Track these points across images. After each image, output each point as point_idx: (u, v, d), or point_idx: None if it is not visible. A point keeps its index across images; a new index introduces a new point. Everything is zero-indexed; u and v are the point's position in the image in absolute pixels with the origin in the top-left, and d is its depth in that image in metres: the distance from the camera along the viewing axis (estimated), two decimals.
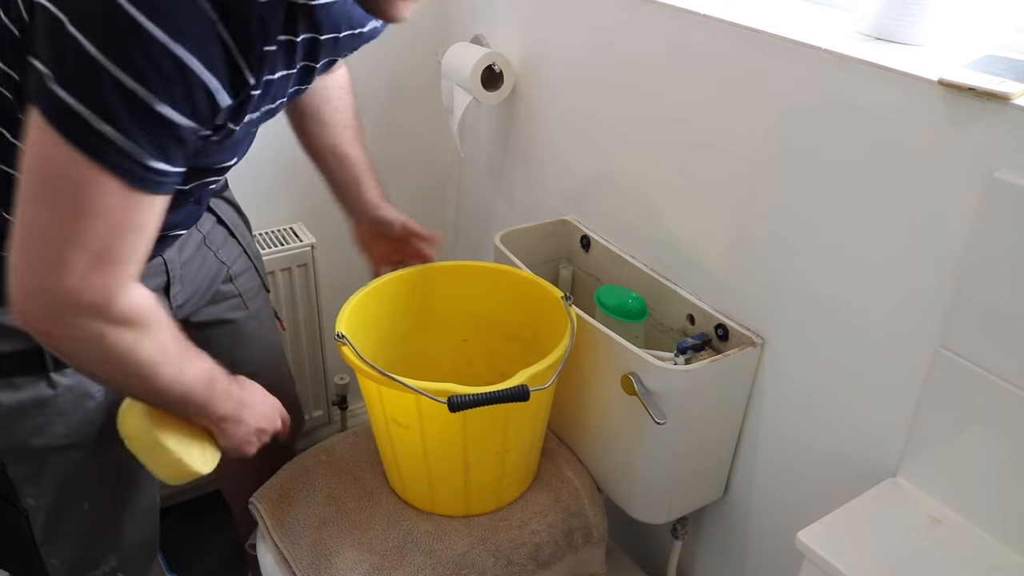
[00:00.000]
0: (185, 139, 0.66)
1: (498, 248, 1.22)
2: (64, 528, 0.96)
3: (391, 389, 0.94)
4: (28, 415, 0.88)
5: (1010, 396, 0.77)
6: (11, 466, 0.91)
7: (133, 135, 0.62)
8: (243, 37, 0.66)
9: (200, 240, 1.07)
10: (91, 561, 1.00)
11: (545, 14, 1.29)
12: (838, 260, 0.91)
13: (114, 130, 0.62)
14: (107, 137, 0.62)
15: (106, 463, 0.96)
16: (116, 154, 0.63)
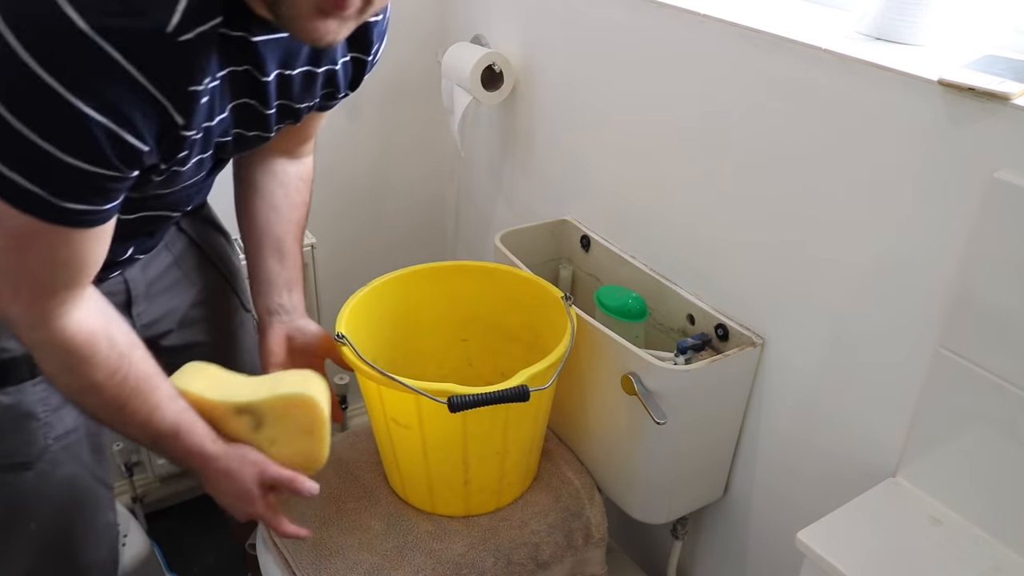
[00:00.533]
0: (100, 184, 0.65)
1: (498, 248, 1.22)
2: (11, 550, 0.94)
3: (391, 389, 0.94)
4: None
5: (1010, 396, 0.77)
6: None
7: (41, 183, 0.62)
8: (163, 78, 0.63)
9: (171, 261, 1.04)
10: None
11: (545, 14, 1.29)
12: (838, 260, 0.91)
13: (22, 178, 0.61)
14: (16, 183, 0.61)
15: (55, 484, 0.94)
16: (27, 199, 0.62)
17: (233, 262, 1.15)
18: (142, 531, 1.44)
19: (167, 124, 0.66)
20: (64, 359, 0.73)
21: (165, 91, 0.63)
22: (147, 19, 0.60)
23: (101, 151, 0.62)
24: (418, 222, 1.76)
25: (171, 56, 0.62)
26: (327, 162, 1.55)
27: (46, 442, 0.91)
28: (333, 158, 1.56)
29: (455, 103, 1.46)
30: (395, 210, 1.71)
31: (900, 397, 0.88)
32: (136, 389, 0.78)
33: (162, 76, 0.62)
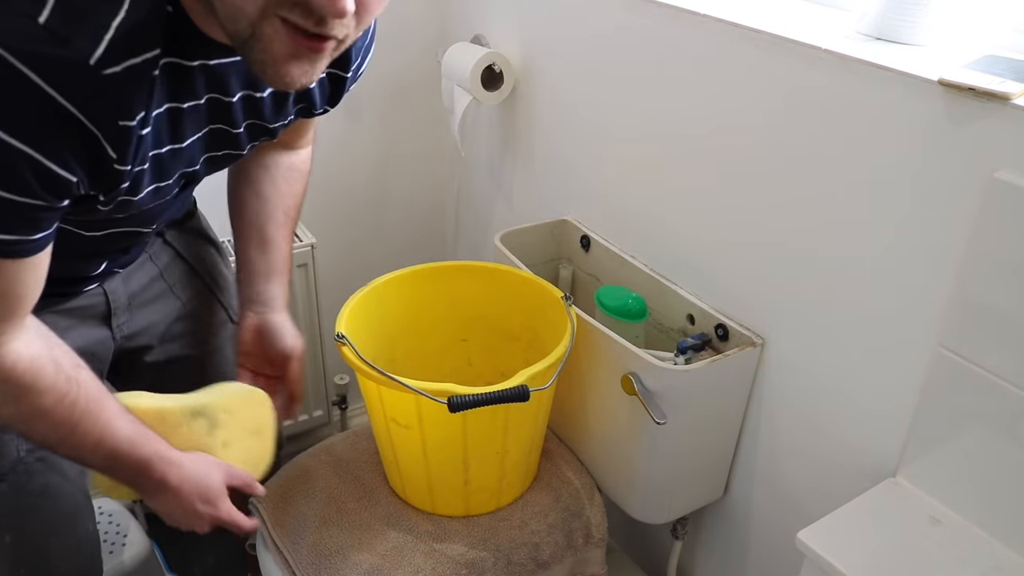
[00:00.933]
0: (27, 214, 0.62)
1: (498, 248, 1.22)
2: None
3: (391, 389, 0.94)
4: None
5: (1010, 396, 0.77)
6: None
7: None
8: (91, 110, 0.60)
9: (156, 273, 1.02)
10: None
11: (545, 14, 1.29)
12: (838, 260, 0.91)
13: None
14: None
15: (30, 495, 0.93)
16: None
17: (223, 274, 1.11)
18: (142, 531, 1.44)
19: (99, 156, 0.63)
20: (6, 389, 0.70)
21: (95, 123, 0.61)
22: (70, 48, 0.58)
23: (24, 181, 0.59)
24: (418, 222, 1.76)
25: (97, 88, 0.60)
26: (327, 162, 1.55)
27: (19, 454, 0.90)
28: (333, 158, 1.56)
29: (455, 103, 1.46)
30: (395, 210, 1.71)
31: (900, 397, 0.88)
32: (87, 410, 0.75)
33: (91, 107, 0.60)
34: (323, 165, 1.54)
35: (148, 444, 0.81)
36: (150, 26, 0.62)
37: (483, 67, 1.36)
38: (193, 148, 0.75)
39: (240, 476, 0.90)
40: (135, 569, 1.41)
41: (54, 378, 0.72)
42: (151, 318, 1.02)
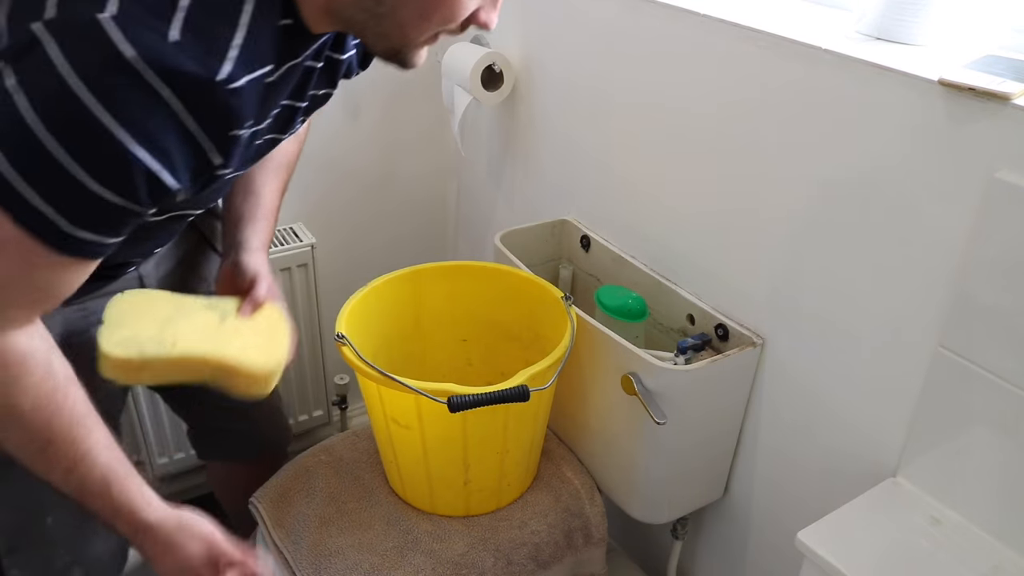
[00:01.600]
0: (119, 218, 0.64)
1: (498, 248, 1.22)
2: (27, 540, 0.95)
3: (391, 389, 0.94)
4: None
5: (1010, 396, 0.77)
6: None
7: (62, 208, 0.61)
8: (208, 122, 0.63)
9: (181, 257, 1.04)
10: (55, 574, 0.98)
11: (545, 14, 1.29)
12: (838, 260, 0.91)
13: (41, 199, 0.60)
14: (26, 200, 0.60)
15: None
16: (34, 218, 0.61)
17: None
18: None
19: (203, 164, 0.66)
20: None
21: (209, 134, 0.64)
22: (201, 65, 0.60)
23: (133, 186, 0.62)
24: (418, 222, 1.76)
25: (219, 102, 0.63)
26: (327, 162, 1.55)
27: None
28: (333, 158, 1.56)
29: (455, 103, 1.46)
30: (395, 210, 1.71)
31: (900, 397, 0.88)
32: (65, 429, 0.72)
33: (208, 120, 0.63)
34: (324, 165, 1.55)
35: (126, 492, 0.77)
36: (269, 40, 0.66)
37: (483, 67, 1.36)
38: (270, 127, 0.78)
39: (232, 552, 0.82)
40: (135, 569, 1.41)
41: (40, 380, 0.70)
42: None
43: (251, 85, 0.65)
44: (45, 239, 0.62)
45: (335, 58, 0.82)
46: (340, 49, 0.82)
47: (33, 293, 0.67)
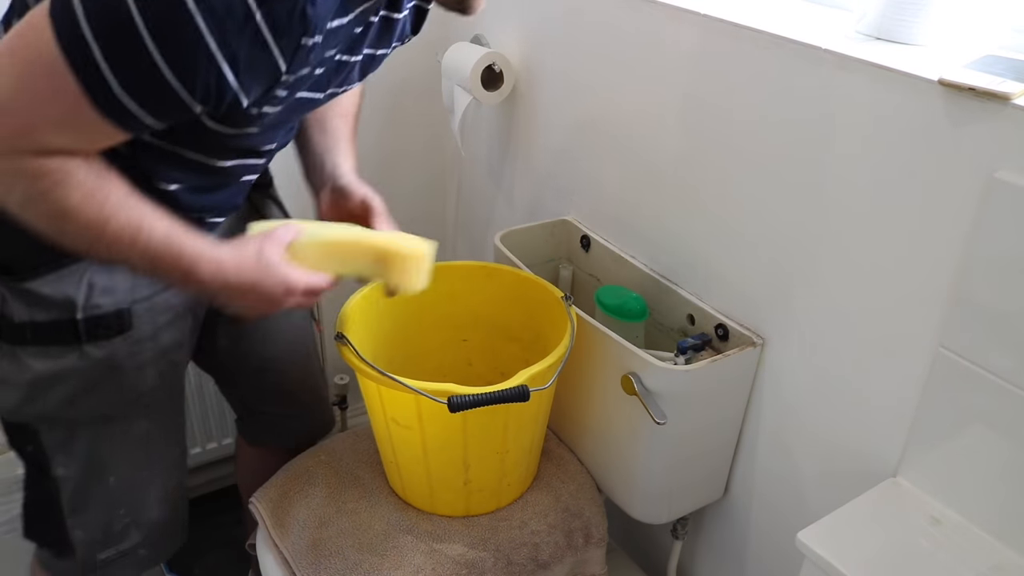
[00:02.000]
0: (169, 100, 0.66)
1: (498, 248, 1.22)
2: (90, 500, 0.99)
3: (391, 389, 0.94)
4: (60, 384, 0.90)
5: (1010, 396, 0.77)
6: (44, 434, 0.94)
7: (120, 72, 0.63)
8: (283, 32, 0.66)
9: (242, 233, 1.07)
10: (114, 535, 1.03)
11: (545, 14, 1.29)
12: (838, 260, 0.91)
13: (102, 56, 0.62)
14: (92, 57, 0.62)
15: (134, 440, 0.99)
16: (92, 75, 0.63)
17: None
18: None
19: (271, 70, 0.68)
20: (33, 186, 0.70)
21: (280, 40, 0.66)
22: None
23: (195, 73, 0.64)
24: (418, 221, 1.75)
25: (296, 8, 0.65)
26: None
27: (130, 396, 0.95)
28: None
29: (455, 103, 1.46)
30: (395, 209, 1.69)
31: (900, 397, 0.88)
32: (117, 206, 0.74)
33: (281, 26, 0.65)
34: None
35: (186, 239, 0.79)
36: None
37: (483, 67, 1.36)
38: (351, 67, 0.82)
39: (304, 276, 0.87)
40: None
41: (84, 175, 0.71)
42: None
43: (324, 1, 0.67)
44: (97, 99, 0.64)
45: (392, 17, 0.83)
46: (397, 8, 0.84)
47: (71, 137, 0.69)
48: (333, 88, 0.84)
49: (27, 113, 0.66)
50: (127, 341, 0.92)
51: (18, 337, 0.88)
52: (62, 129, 0.68)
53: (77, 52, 0.63)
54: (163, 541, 1.09)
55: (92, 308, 0.88)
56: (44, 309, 0.86)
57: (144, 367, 0.95)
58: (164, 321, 0.95)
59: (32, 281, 0.85)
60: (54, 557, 1.05)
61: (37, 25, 0.63)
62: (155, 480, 1.04)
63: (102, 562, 1.03)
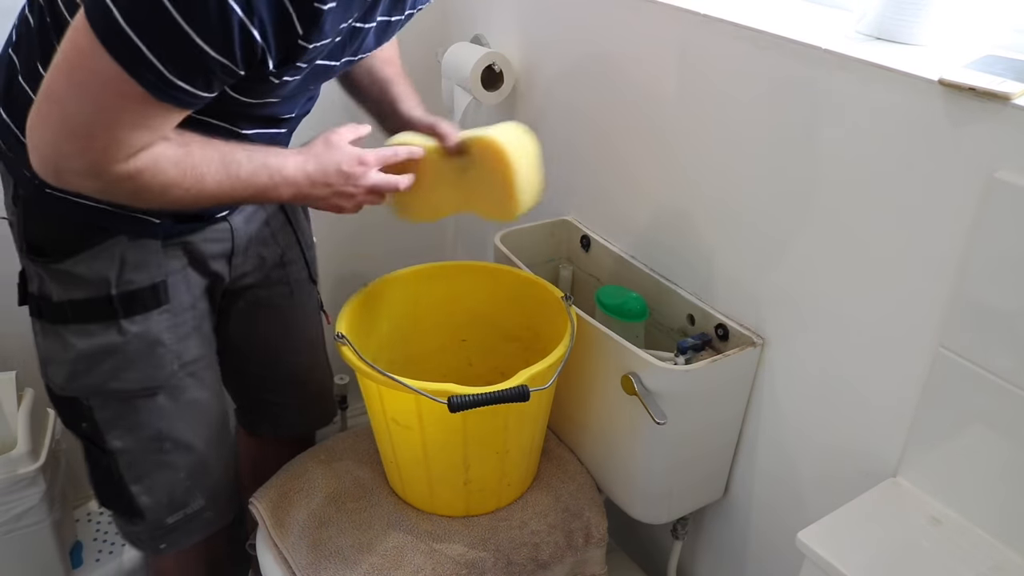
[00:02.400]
0: (214, 71, 0.70)
1: (498, 248, 1.22)
2: (150, 468, 1.03)
3: (391, 389, 0.94)
4: (103, 360, 0.94)
5: (1010, 396, 0.77)
6: (97, 409, 0.98)
7: (165, 57, 0.67)
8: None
9: (264, 219, 1.11)
10: (179, 500, 1.06)
11: (545, 14, 1.29)
12: (838, 260, 0.91)
13: (148, 49, 0.66)
14: (141, 53, 0.66)
15: (183, 408, 1.02)
16: (145, 68, 0.67)
17: (307, 233, 1.21)
18: None
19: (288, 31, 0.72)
20: (137, 184, 0.76)
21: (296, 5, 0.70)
22: None
23: (231, 41, 0.68)
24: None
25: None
26: None
27: (173, 367, 0.99)
28: None
29: (455, 103, 1.46)
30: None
31: (900, 397, 0.88)
32: (204, 158, 0.79)
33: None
34: None
35: (266, 152, 0.85)
36: None
37: (483, 67, 1.36)
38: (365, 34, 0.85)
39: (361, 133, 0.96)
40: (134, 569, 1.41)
41: (169, 152, 0.77)
42: (257, 262, 1.11)
43: None
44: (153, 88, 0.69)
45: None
46: None
47: (147, 133, 0.74)
48: (348, 56, 0.87)
49: (108, 128, 0.71)
50: (165, 315, 0.96)
51: (59, 316, 0.93)
52: (138, 129, 0.72)
53: (127, 54, 0.66)
54: (226, 502, 1.13)
55: (125, 284, 0.93)
56: (80, 288, 0.91)
57: (188, 337, 1.00)
58: (200, 290, 1.02)
59: (66, 261, 0.90)
60: (127, 523, 1.08)
61: (83, 47, 0.67)
62: (210, 444, 1.07)
63: (170, 526, 1.07)
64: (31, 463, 1.22)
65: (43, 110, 0.71)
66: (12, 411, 1.28)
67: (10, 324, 1.35)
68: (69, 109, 0.70)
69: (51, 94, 0.70)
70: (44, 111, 0.71)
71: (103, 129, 0.71)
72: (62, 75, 0.69)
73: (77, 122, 0.70)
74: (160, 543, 1.08)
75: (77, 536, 1.44)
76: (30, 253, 0.92)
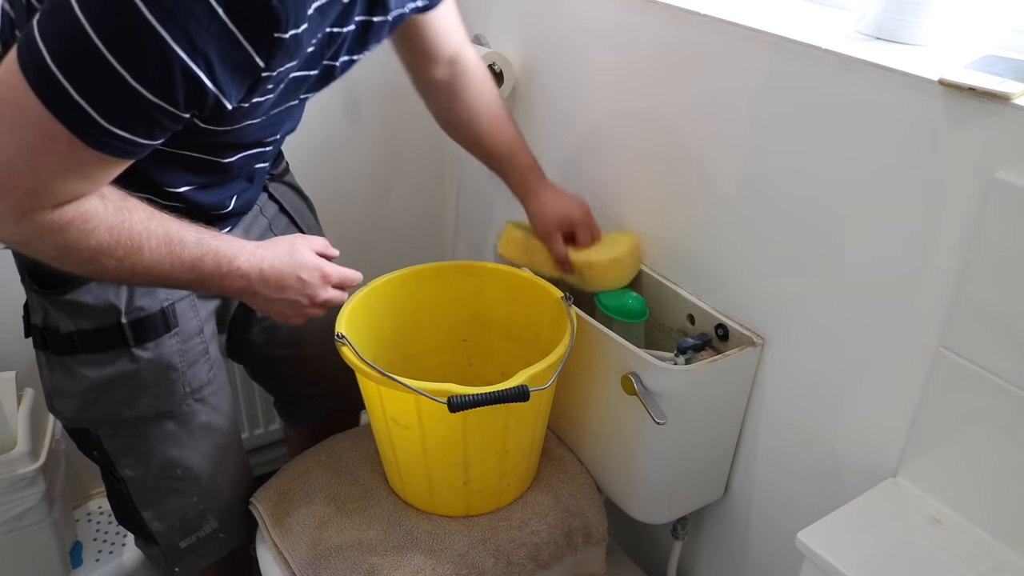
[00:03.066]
0: (155, 118, 0.66)
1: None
2: (161, 494, 1.03)
3: (391, 389, 0.94)
4: (115, 388, 0.93)
5: (1010, 396, 0.77)
6: (106, 439, 0.97)
7: (97, 102, 0.63)
8: (251, 27, 0.64)
9: (266, 226, 1.10)
10: (191, 524, 1.06)
11: (545, 14, 1.29)
12: (838, 260, 0.91)
13: (77, 93, 0.62)
14: (69, 96, 0.62)
15: (195, 432, 1.01)
16: (74, 113, 0.63)
17: (314, 226, 1.20)
18: None
19: (249, 67, 0.67)
20: (61, 239, 0.70)
21: (251, 38, 0.65)
22: None
23: (171, 85, 0.63)
24: (418, 222, 1.76)
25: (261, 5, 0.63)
26: (326, 162, 1.55)
27: (184, 391, 0.98)
28: (333, 158, 1.56)
29: None
30: (395, 209, 1.71)
31: (900, 397, 0.88)
32: (145, 231, 0.75)
33: (251, 24, 0.64)
34: (323, 165, 1.54)
35: (219, 238, 0.81)
36: None
37: None
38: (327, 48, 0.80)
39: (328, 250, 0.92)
40: (134, 569, 1.41)
41: (103, 212, 0.72)
42: None
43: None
44: (87, 137, 0.64)
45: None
46: None
47: (77, 181, 0.69)
48: (327, 61, 0.83)
49: (31, 171, 0.66)
50: (175, 339, 0.95)
51: (67, 347, 0.90)
52: (68, 176, 0.67)
53: (53, 95, 0.62)
54: (240, 522, 1.12)
55: (136, 311, 0.91)
56: (88, 318, 0.89)
57: (196, 362, 0.99)
58: (206, 314, 1.00)
59: (73, 292, 0.88)
60: (144, 546, 1.09)
61: (11, 81, 0.62)
62: (222, 467, 1.07)
63: (184, 550, 1.07)
64: (31, 463, 1.22)
65: None
66: (12, 411, 1.28)
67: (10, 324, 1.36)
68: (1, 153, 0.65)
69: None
70: None
71: (27, 170, 0.65)
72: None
73: (1, 160, 0.65)
74: (175, 566, 1.08)
75: (77, 536, 1.44)
76: (33, 283, 0.90)
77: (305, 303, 0.89)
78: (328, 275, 0.89)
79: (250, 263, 0.82)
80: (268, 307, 0.88)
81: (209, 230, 0.81)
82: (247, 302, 0.88)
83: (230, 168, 0.88)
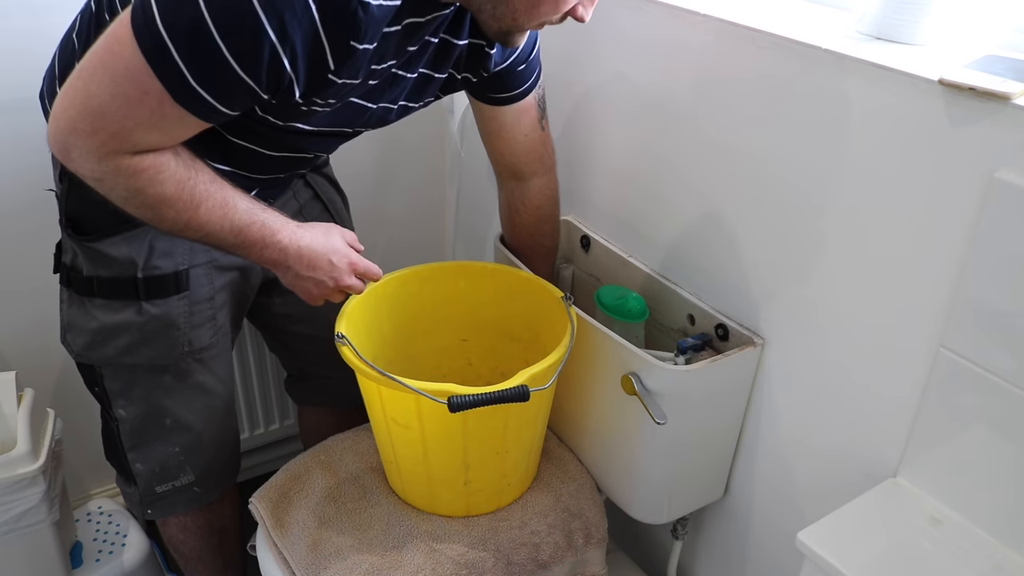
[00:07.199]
0: (238, 90, 0.73)
1: (498, 248, 1.22)
2: (146, 439, 1.11)
3: (391, 389, 0.94)
4: (121, 335, 1.02)
5: (1010, 396, 0.77)
6: (107, 379, 1.07)
7: (190, 62, 0.71)
8: (334, 30, 0.73)
9: (297, 209, 1.15)
10: (169, 472, 1.14)
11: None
12: (838, 260, 0.91)
13: (176, 51, 0.70)
14: (168, 52, 0.70)
15: (188, 389, 1.09)
16: (169, 69, 0.71)
17: (346, 219, 1.26)
18: (141, 532, 1.44)
19: (319, 63, 0.75)
20: (133, 183, 0.78)
21: (332, 39, 0.74)
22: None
23: (259, 63, 0.71)
24: (418, 222, 1.76)
25: (348, 11, 0.72)
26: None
27: (183, 350, 1.05)
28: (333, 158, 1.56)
29: (455, 103, 1.46)
30: (395, 210, 1.71)
31: (900, 397, 0.88)
32: (206, 192, 0.82)
33: (334, 23, 0.72)
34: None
35: (266, 212, 0.88)
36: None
37: None
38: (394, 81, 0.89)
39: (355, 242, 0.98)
40: (134, 570, 1.41)
41: (175, 167, 0.80)
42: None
43: (380, 9, 0.74)
44: (176, 93, 0.72)
45: (450, 41, 0.91)
46: (456, 34, 0.90)
47: (154, 137, 0.77)
48: (386, 102, 0.91)
49: (121, 117, 0.74)
50: (183, 301, 1.02)
51: (86, 289, 1.00)
52: (151, 127, 0.75)
53: (157, 54, 0.70)
54: (215, 481, 1.19)
55: (151, 269, 0.99)
56: (109, 266, 0.98)
57: (201, 326, 1.05)
58: (221, 284, 1.06)
59: (101, 241, 0.97)
60: (124, 483, 1.18)
61: (121, 37, 0.71)
62: (208, 425, 1.14)
63: (159, 494, 1.16)
64: (31, 463, 1.22)
65: (72, 84, 0.75)
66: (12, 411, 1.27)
67: (10, 324, 1.35)
68: (93, 88, 0.73)
69: (82, 72, 0.74)
70: (72, 85, 0.75)
71: (118, 116, 0.74)
72: (96, 57, 0.73)
73: (96, 103, 0.73)
74: (147, 508, 1.17)
75: (77, 536, 1.44)
76: (69, 228, 0.99)
77: (330, 285, 0.94)
78: (355, 263, 0.95)
79: (290, 239, 0.89)
80: (296, 283, 0.94)
81: (258, 203, 0.88)
82: (279, 275, 0.94)
83: (266, 162, 0.95)
